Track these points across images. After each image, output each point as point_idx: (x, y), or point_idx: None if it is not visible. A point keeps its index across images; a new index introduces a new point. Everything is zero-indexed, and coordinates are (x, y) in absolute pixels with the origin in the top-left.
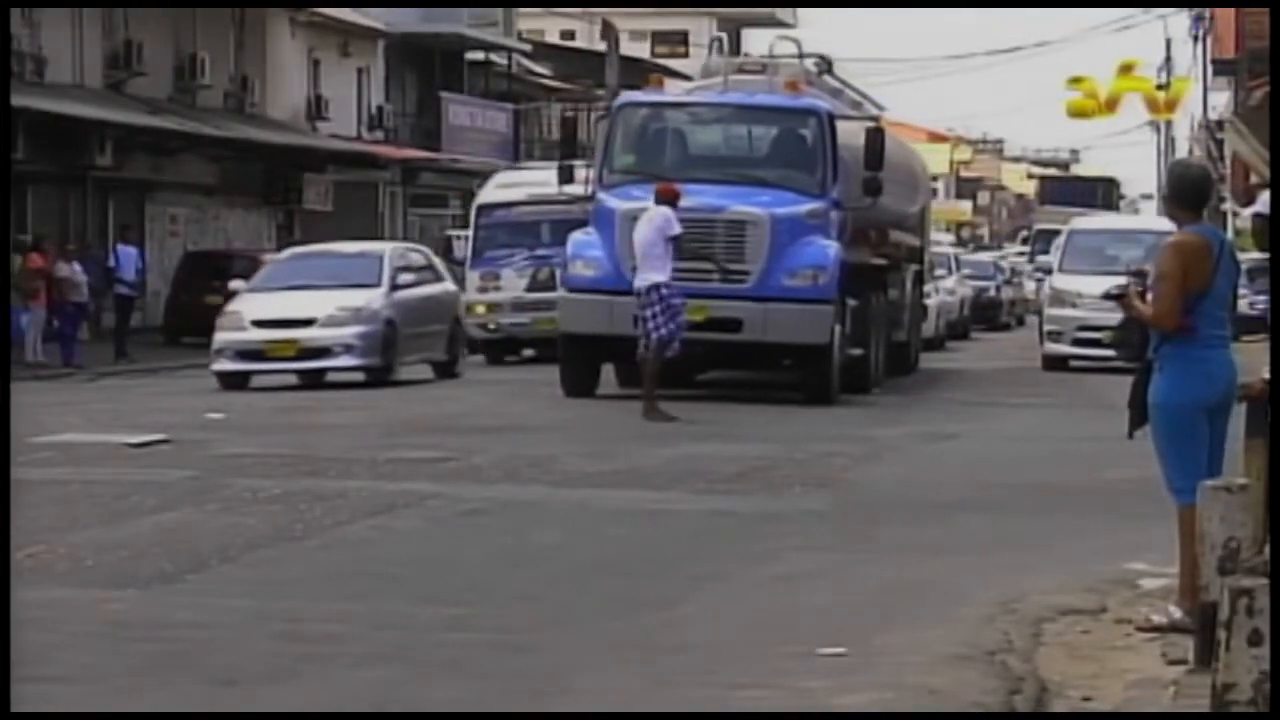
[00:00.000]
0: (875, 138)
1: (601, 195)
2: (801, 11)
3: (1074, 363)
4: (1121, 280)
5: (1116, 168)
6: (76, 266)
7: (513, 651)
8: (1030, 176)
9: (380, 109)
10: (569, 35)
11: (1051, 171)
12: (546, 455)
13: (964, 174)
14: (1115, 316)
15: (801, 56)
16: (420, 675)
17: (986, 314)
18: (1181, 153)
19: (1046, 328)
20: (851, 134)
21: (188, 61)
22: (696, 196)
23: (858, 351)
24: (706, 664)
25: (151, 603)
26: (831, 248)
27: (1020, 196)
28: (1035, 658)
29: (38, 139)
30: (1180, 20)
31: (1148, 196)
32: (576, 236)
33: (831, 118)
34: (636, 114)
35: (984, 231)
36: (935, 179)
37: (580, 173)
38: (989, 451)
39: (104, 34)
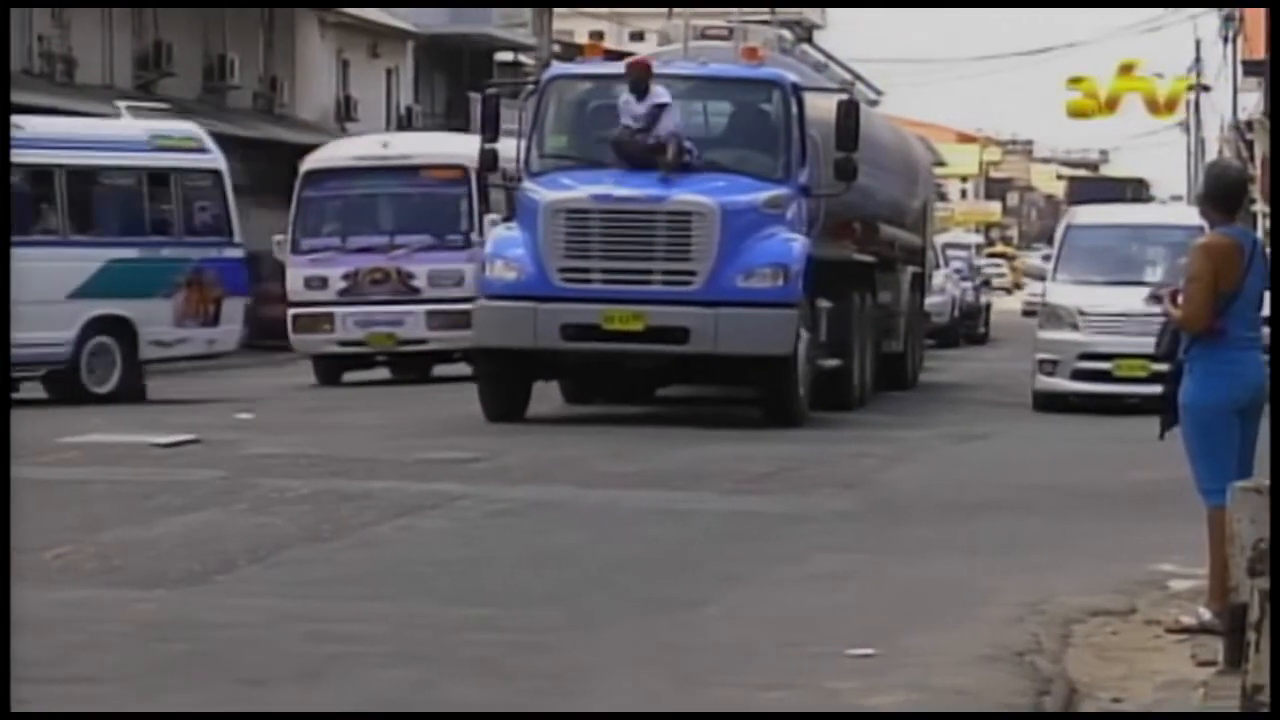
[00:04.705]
0: (848, 112)
1: (527, 184)
2: (829, 12)
3: (1074, 400)
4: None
5: (1146, 168)
6: None
7: (539, 651)
8: (1060, 177)
9: (409, 110)
10: (598, 36)
11: (1081, 172)
12: (573, 456)
13: (993, 175)
14: (1127, 341)
15: (773, 21)
16: (447, 675)
17: (965, 325)
18: (1211, 154)
19: (1038, 355)
20: (825, 111)
21: (217, 62)
22: (634, 185)
23: (834, 363)
24: (733, 664)
25: (180, 603)
26: (796, 242)
27: (1050, 197)
28: (1064, 659)
29: None
30: (1210, 21)
31: (1178, 197)
32: (498, 232)
33: (798, 90)
34: (570, 89)
35: (1013, 232)
36: (964, 180)
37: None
38: (1017, 452)
39: (134, 35)
